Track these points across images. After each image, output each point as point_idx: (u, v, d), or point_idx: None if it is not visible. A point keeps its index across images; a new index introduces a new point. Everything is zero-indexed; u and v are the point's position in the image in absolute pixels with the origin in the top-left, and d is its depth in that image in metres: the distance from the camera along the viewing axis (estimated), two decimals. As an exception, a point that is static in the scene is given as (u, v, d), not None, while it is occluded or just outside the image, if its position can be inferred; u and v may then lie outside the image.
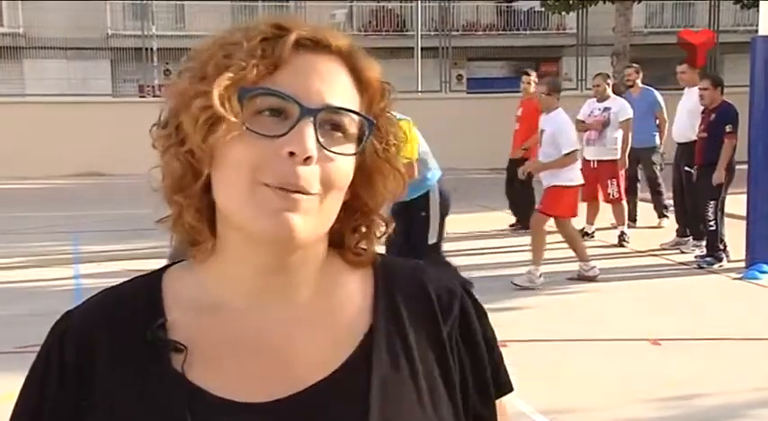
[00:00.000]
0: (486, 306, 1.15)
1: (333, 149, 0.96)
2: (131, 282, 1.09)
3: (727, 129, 8.76)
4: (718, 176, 8.73)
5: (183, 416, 0.96)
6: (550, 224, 8.33)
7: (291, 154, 0.93)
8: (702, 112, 9.16)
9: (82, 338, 1.02)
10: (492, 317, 1.14)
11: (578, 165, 8.28)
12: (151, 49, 23.64)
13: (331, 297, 1.06)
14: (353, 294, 1.08)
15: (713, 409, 5.10)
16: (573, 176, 8.11)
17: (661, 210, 11.05)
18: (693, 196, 9.25)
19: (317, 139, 0.95)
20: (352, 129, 0.98)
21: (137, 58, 24.25)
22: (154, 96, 20.98)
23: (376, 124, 1.01)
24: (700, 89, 9.01)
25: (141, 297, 1.05)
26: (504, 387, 1.12)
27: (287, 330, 1.03)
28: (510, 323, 6.58)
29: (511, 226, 11.31)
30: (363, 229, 1.07)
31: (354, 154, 0.99)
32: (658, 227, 10.84)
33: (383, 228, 1.09)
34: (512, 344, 6.15)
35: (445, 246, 9.91)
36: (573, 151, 8.00)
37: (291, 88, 0.95)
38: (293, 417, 0.98)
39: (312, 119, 0.94)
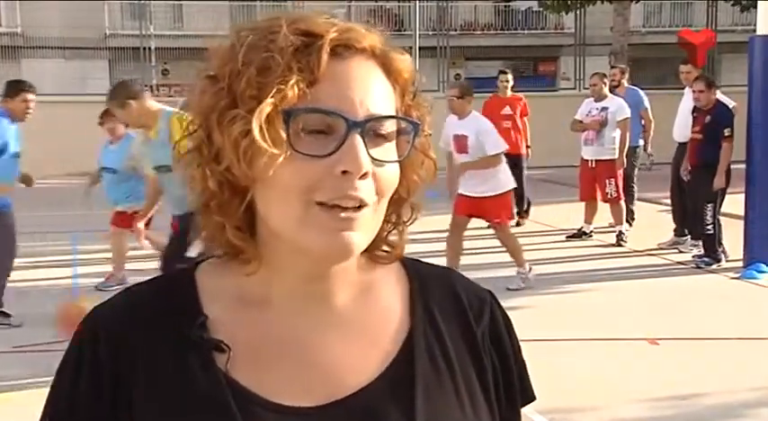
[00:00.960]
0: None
1: (383, 158, 0.95)
2: (162, 278, 1.07)
3: (726, 132, 8.72)
4: (720, 181, 8.70)
5: (232, 416, 0.95)
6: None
7: (345, 172, 0.91)
8: (693, 112, 9.14)
9: (116, 336, 1.00)
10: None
11: (506, 167, 8.04)
12: (149, 48, 23.63)
13: (369, 301, 1.06)
14: (390, 298, 1.07)
15: (711, 409, 5.11)
16: (508, 181, 7.95)
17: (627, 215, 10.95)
18: (692, 197, 9.22)
19: (368, 153, 0.93)
20: (393, 128, 0.97)
21: (135, 58, 24.22)
22: (151, 96, 21.00)
23: (420, 125, 0.99)
24: (695, 91, 8.97)
25: (176, 293, 1.03)
26: (529, 395, 1.13)
27: (328, 334, 1.02)
28: (508, 323, 6.56)
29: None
30: (394, 218, 1.05)
31: (402, 159, 0.98)
32: (610, 227, 10.51)
33: (412, 216, 1.07)
34: (510, 343, 6.16)
35: (442, 247, 9.93)
36: (499, 153, 7.78)
37: (334, 102, 0.92)
38: None
39: (359, 131, 0.92)
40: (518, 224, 11.47)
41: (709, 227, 8.83)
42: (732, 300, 7.66)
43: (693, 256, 9.17)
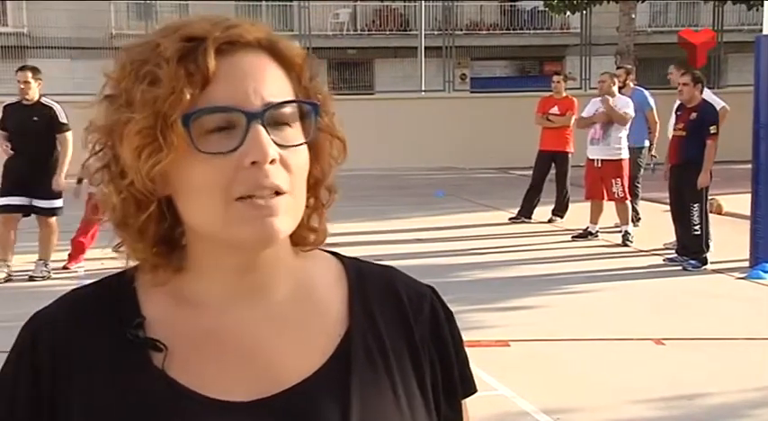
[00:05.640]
0: (489, 305, 1.17)
1: (288, 143, 0.97)
2: (102, 281, 1.09)
3: (712, 130, 8.65)
4: (704, 179, 8.63)
5: (168, 413, 0.97)
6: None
7: (254, 163, 0.94)
8: (677, 110, 9.09)
9: (55, 339, 1.02)
10: (495, 317, 1.16)
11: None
12: (155, 48, 23.65)
13: (307, 299, 1.07)
14: (329, 297, 1.08)
15: (716, 409, 5.10)
16: None
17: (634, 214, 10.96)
18: (675, 197, 9.03)
19: (272, 140, 0.95)
20: (294, 113, 0.99)
21: (141, 58, 24.25)
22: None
23: (319, 105, 1.01)
24: (680, 84, 8.92)
25: (115, 295, 1.05)
26: (470, 387, 1.14)
27: (265, 330, 1.03)
28: (513, 323, 6.59)
29: (511, 219, 11.69)
30: (312, 202, 1.06)
31: (307, 141, 0.99)
32: (616, 227, 10.58)
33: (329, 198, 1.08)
34: (515, 343, 6.15)
35: (449, 246, 9.93)
36: None
37: (229, 98, 0.94)
38: (276, 416, 0.99)
39: (260, 121, 0.94)
40: (550, 221, 11.48)
41: (697, 227, 8.73)
42: (738, 301, 7.64)
43: (665, 259, 9.07)
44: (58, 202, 8.47)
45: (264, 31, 1.00)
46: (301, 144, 0.98)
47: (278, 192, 0.95)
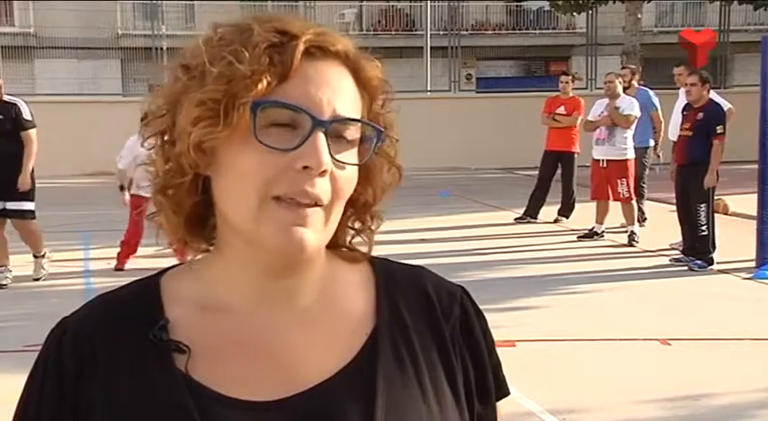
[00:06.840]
0: (495, 306, 1.17)
1: (343, 160, 0.96)
2: (129, 285, 1.09)
3: (718, 130, 8.64)
4: (711, 180, 8.62)
5: (190, 414, 0.97)
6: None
7: (306, 167, 0.93)
8: (684, 110, 9.07)
9: (80, 344, 1.03)
10: (501, 317, 1.16)
11: None
12: (161, 48, 23.68)
13: (334, 299, 1.07)
14: (356, 296, 1.08)
15: (723, 409, 5.09)
16: None
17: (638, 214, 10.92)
18: (682, 198, 8.99)
19: (330, 152, 0.95)
20: (357, 134, 0.99)
21: (147, 58, 24.29)
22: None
23: (384, 132, 1.01)
24: (688, 84, 8.90)
25: (139, 299, 1.05)
26: (503, 389, 1.14)
27: (292, 332, 1.03)
28: (519, 323, 6.58)
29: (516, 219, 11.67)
30: (357, 225, 1.07)
31: (360, 164, 0.99)
32: (622, 227, 10.54)
33: (377, 223, 1.09)
34: (521, 343, 6.15)
35: (454, 246, 9.93)
36: None
37: (302, 99, 0.94)
38: (300, 415, 0.99)
39: (324, 130, 0.94)
40: (556, 221, 11.47)
41: (704, 227, 8.71)
42: (744, 301, 7.63)
43: (671, 259, 9.05)
44: (28, 205, 8.04)
45: (351, 45, 1.00)
46: (354, 164, 0.98)
47: (316, 204, 0.95)
